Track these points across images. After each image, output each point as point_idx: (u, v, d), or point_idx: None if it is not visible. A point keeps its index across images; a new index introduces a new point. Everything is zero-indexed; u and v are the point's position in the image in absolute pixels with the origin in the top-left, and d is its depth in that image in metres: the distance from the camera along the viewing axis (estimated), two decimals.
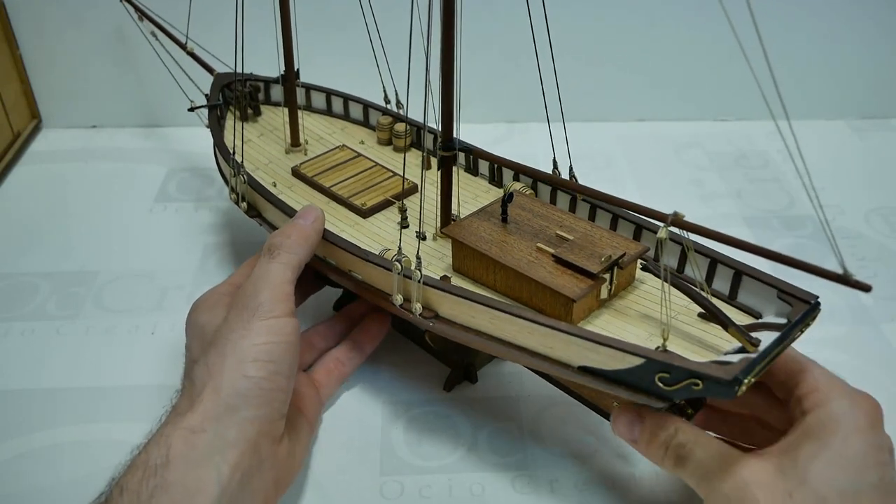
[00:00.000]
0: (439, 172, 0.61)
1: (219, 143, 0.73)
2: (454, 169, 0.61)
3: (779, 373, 0.52)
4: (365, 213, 0.67)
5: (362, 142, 0.78)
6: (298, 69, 0.76)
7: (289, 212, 0.63)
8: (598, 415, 0.60)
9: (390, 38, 0.75)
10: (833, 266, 0.79)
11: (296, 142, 0.77)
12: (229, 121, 0.79)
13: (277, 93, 0.83)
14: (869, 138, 1.07)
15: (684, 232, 0.47)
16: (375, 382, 0.68)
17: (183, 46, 0.81)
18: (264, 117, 0.82)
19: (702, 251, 0.55)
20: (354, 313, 0.70)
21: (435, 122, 0.59)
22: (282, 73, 0.76)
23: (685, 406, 0.53)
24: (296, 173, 0.72)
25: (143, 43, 0.81)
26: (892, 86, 1.09)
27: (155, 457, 0.47)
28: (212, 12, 0.81)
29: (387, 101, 0.78)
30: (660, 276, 0.51)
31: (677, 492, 0.59)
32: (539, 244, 0.56)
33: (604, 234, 0.57)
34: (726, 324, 0.49)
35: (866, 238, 0.87)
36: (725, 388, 0.44)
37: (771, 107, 0.45)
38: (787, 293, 0.51)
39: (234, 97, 0.79)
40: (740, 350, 0.48)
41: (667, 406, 0.50)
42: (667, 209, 0.48)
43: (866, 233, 0.88)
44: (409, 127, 0.75)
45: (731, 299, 0.55)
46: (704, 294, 0.51)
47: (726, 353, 0.49)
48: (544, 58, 0.66)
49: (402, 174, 0.70)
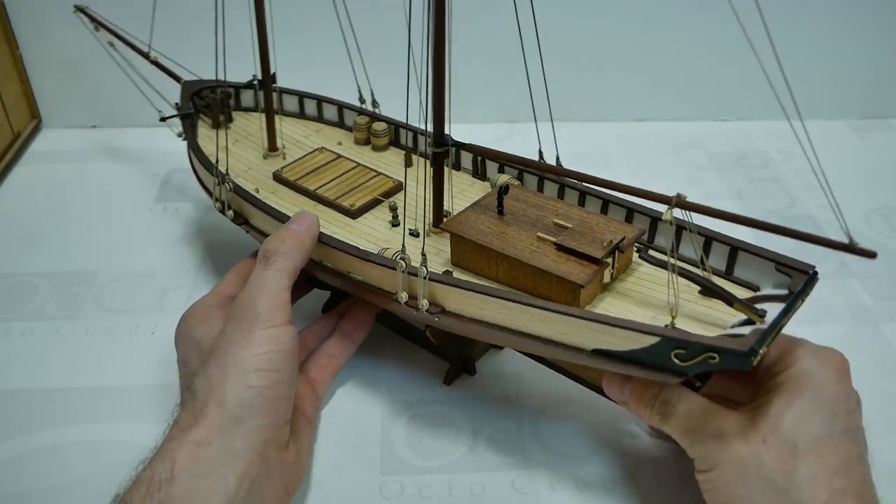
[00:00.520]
0: (431, 169, 0.61)
1: (197, 153, 0.72)
2: (440, 168, 0.61)
3: None
4: (354, 214, 0.66)
5: (340, 143, 0.78)
6: (275, 73, 0.75)
7: (279, 217, 0.63)
8: (597, 393, 0.60)
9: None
10: (835, 265, 0.80)
11: (273, 146, 0.76)
12: (201, 129, 0.78)
13: (248, 98, 0.82)
14: (869, 138, 1.07)
15: (688, 214, 0.48)
16: (375, 382, 0.68)
17: (146, 56, 0.79)
18: (237, 123, 0.81)
19: (698, 231, 0.56)
20: (346, 311, 0.70)
21: (424, 120, 0.58)
22: (252, 77, 0.76)
23: (694, 380, 0.55)
24: (277, 178, 0.72)
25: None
26: (892, 86, 1.09)
27: (159, 472, 0.47)
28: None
29: (362, 100, 0.78)
30: (657, 264, 0.54)
31: (678, 492, 0.59)
32: (539, 233, 0.57)
33: (599, 219, 0.58)
34: (731, 300, 0.50)
35: (866, 238, 0.87)
36: (742, 359, 0.45)
37: (784, 106, 0.46)
38: (785, 265, 0.53)
39: (207, 104, 0.78)
40: (745, 322, 0.49)
41: (681, 381, 0.51)
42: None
43: (866, 233, 0.88)
44: (389, 125, 0.75)
45: (727, 275, 0.56)
46: (705, 273, 0.53)
47: (733, 326, 0.50)
48: (540, 59, 0.66)
49: (385, 173, 0.71)
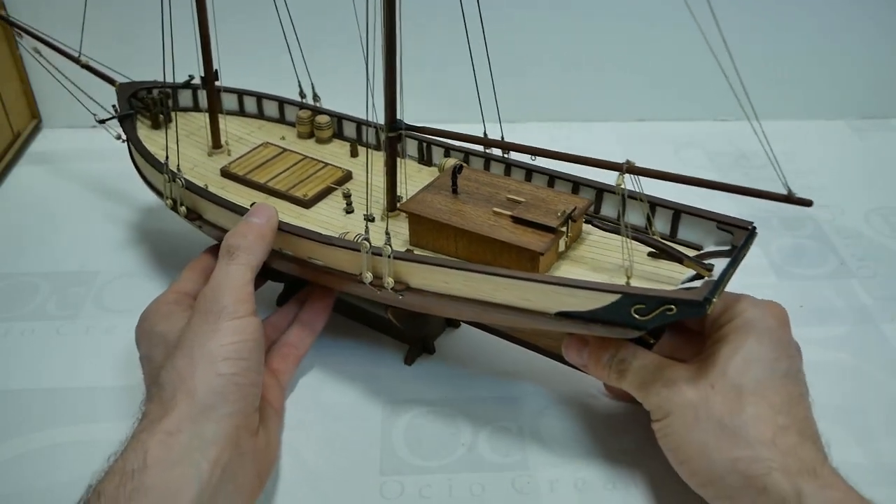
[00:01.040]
0: (384, 154, 0.63)
1: (143, 153, 0.73)
2: (393, 152, 0.63)
3: None
4: (307, 204, 0.68)
5: (283, 137, 0.79)
6: (217, 70, 0.75)
7: (235, 209, 0.64)
8: (556, 360, 0.63)
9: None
10: (835, 265, 0.80)
11: (217, 143, 0.76)
12: (140, 130, 0.78)
13: (186, 98, 0.83)
14: (869, 138, 1.07)
15: (637, 180, 0.52)
16: (375, 382, 0.68)
17: (76, 60, 0.79)
18: (177, 123, 0.81)
19: (642, 197, 0.59)
20: (303, 300, 0.71)
21: (374, 110, 0.60)
22: (189, 77, 0.77)
23: (648, 338, 0.59)
24: (226, 173, 0.72)
25: (143, 44, 0.81)
26: (892, 86, 1.09)
27: (132, 462, 0.48)
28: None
29: (302, 95, 0.79)
30: (606, 229, 0.57)
31: (678, 491, 0.59)
32: (495, 209, 0.59)
33: (549, 192, 0.61)
34: (681, 258, 0.54)
35: (866, 238, 0.87)
36: (697, 308, 0.48)
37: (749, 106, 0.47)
38: (726, 223, 0.57)
39: (145, 105, 0.79)
40: (694, 277, 0.53)
41: (639, 336, 0.54)
42: None
43: (866, 233, 0.88)
44: (332, 118, 0.77)
45: (672, 237, 0.60)
46: (652, 235, 0.56)
47: (683, 282, 0.53)
48: (542, 60, 0.65)
49: (332, 163, 0.73)
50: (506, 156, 0.67)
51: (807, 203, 0.49)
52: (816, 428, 0.53)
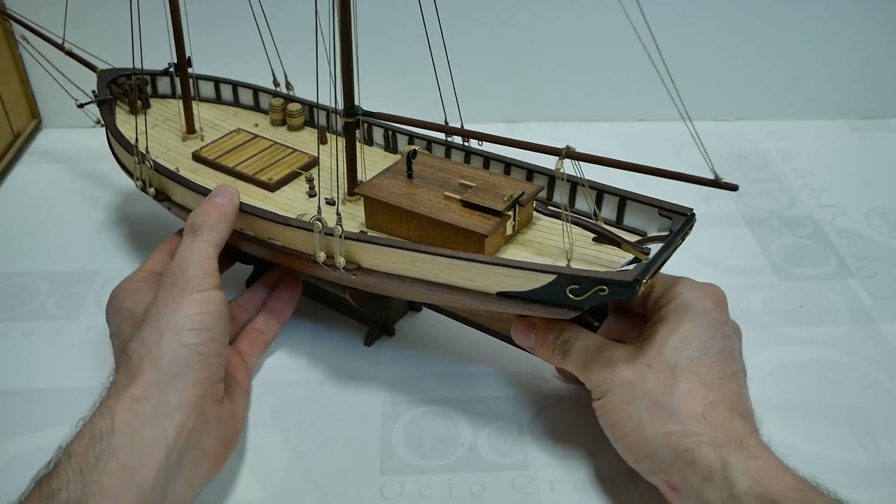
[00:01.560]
0: (344, 139, 0.64)
1: (117, 136, 0.75)
2: (351, 137, 0.64)
3: None
4: (273, 188, 0.70)
5: (256, 125, 0.81)
6: (190, 57, 0.77)
7: (200, 190, 0.66)
8: (508, 343, 0.65)
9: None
10: (835, 265, 0.81)
11: (191, 129, 0.79)
12: (119, 115, 0.80)
13: (164, 85, 0.85)
14: (869, 138, 1.07)
15: (577, 165, 0.53)
16: (375, 382, 0.68)
17: (60, 47, 0.81)
18: (154, 109, 0.83)
19: (591, 185, 0.61)
20: (271, 282, 0.74)
21: (334, 95, 0.61)
22: (168, 65, 0.78)
23: (591, 320, 0.61)
24: (197, 158, 0.75)
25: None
26: (892, 86, 1.09)
27: (100, 425, 0.49)
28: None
29: (276, 83, 0.81)
30: (554, 215, 0.59)
31: None
32: (446, 193, 0.61)
33: (501, 179, 0.62)
34: (619, 242, 0.56)
35: (866, 238, 0.87)
36: (628, 289, 0.50)
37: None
38: (666, 209, 0.58)
39: (124, 91, 0.81)
40: (634, 261, 0.54)
41: (577, 315, 0.56)
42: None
43: (866, 233, 0.88)
44: (303, 106, 0.79)
45: (618, 223, 0.62)
46: (595, 221, 0.58)
47: (622, 266, 0.54)
48: (542, 60, 0.66)
49: (301, 150, 0.75)
50: (465, 143, 0.69)
51: (732, 188, 0.50)
52: (748, 404, 0.55)
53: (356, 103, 0.62)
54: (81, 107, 0.80)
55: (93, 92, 0.81)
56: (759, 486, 0.48)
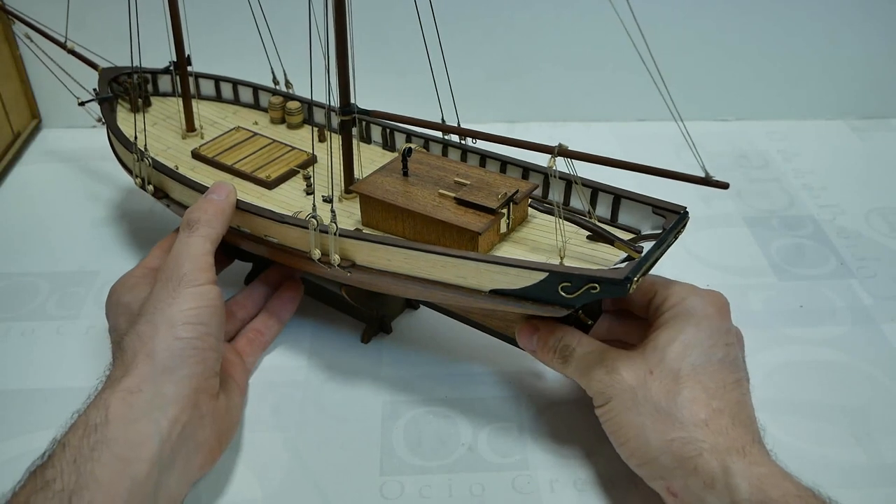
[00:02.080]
0: (340, 137, 0.65)
1: (117, 134, 0.75)
2: (347, 134, 0.65)
3: (640, 293, 0.60)
4: (270, 185, 0.70)
5: (256, 122, 0.81)
6: (189, 55, 0.78)
7: (197, 187, 0.67)
8: (505, 342, 0.65)
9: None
10: (835, 265, 0.81)
11: (191, 127, 0.79)
12: (120, 114, 0.81)
13: (165, 83, 0.85)
14: (869, 138, 1.07)
15: (571, 162, 0.53)
16: (375, 382, 0.68)
17: (62, 46, 0.81)
18: (155, 108, 0.84)
19: (585, 183, 0.61)
20: (270, 279, 0.74)
21: (330, 93, 0.61)
22: (169, 63, 0.78)
23: (585, 319, 0.62)
24: (196, 155, 0.75)
25: (143, 43, 0.82)
26: (892, 86, 1.09)
27: (94, 417, 0.49)
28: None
29: (275, 82, 0.81)
30: (548, 213, 0.58)
31: None
32: (440, 190, 0.61)
33: (496, 176, 0.62)
34: (612, 240, 0.56)
35: (866, 238, 0.87)
36: (619, 287, 0.50)
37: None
38: (660, 208, 0.58)
39: (125, 90, 0.81)
40: (627, 259, 0.54)
41: (569, 313, 0.56)
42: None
43: (866, 233, 0.88)
44: (302, 104, 0.79)
45: (612, 221, 0.62)
46: (589, 219, 0.58)
47: (615, 265, 0.55)
48: (542, 60, 0.66)
49: (299, 147, 0.75)
50: (463, 142, 0.69)
51: (723, 185, 0.50)
52: (751, 412, 0.55)
53: (352, 101, 0.63)
54: (83, 105, 0.80)
55: (94, 90, 0.82)
56: (759, 492, 0.48)
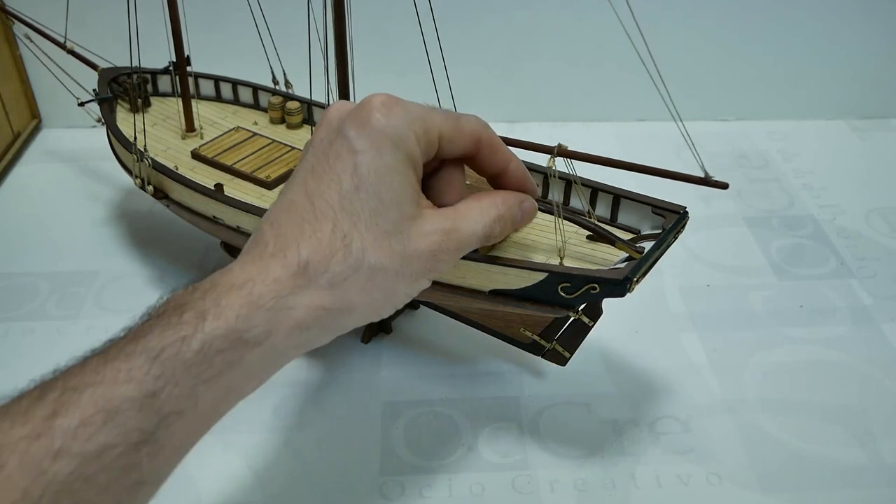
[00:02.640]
0: None
1: (116, 134, 0.76)
2: None
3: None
4: (270, 185, 0.70)
5: (255, 123, 0.81)
6: (189, 55, 0.78)
7: (197, 188, 0.67)
8: (505, 342, 0.65)
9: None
10: (835, 265, 0.81)
11: (191, 127, 0.79)
12: (119, 114, 0.81)
13: (165, 84, 0.85)
14: (869, 138, 1.07)
15: (570, 162, 0.53)
16: (374, 382, 0.68)
17: (62, 46, 0.81)
18: (154, 108, 0.84)
19: (585, 183, 0.61)
20: None
21: (329, 94, 0.62)
22: (168, 63, 0.78)
23: (586, 319, 0.61)
24: (196, 156, 0.75)
25: (143, 43, 0.82)
26: (892, 86, 1.09)
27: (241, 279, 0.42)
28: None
29: (275, 82, 0.81)
30: (548, 213, 0.58)
31: (679, 493, 0.59)
32: None
33: None
34: (613, 240, 0.55)
35: (866, 238, 0.87)
36: (619, 287, 0.51)
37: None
38: (660, 207, 0.58)
39: (125, 90, 0.81)
40: (627, 260, 0.54)
41: (570, 314, 0.56)
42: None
43: (866, 233, 0.88)
44: (302, 104, 0.79)
45: (612, 221, 0.61)
46: (589, 218, 0.58)
47: (616, 265, 0.55)
48: (542, 60, 0.66)
49: (299, 148, 0.75)
50: None
51: (722, 185, 0.50)
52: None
53: (352, 101, 0.62)
54: (82, 105, 0.80)
55: (94, 90, 0.82)
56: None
